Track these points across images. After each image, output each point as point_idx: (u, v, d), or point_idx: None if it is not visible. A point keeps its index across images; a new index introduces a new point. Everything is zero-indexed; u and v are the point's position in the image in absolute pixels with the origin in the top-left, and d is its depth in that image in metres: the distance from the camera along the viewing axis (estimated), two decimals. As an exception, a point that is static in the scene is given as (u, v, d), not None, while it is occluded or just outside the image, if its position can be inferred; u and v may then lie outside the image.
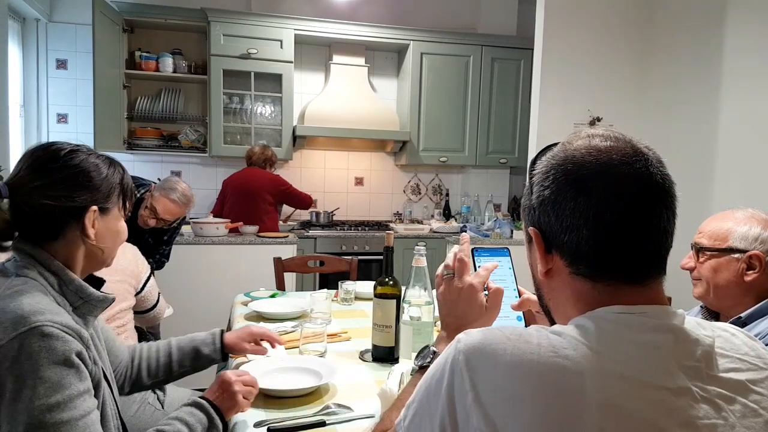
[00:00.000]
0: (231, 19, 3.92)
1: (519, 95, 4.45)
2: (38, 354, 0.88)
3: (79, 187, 1.04)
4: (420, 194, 4.84)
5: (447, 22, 4.57)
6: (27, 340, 0.88)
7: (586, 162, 0.67)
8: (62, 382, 0.89)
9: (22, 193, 1.01)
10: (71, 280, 1.03)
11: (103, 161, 1.10)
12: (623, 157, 0.66)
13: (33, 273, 0.99)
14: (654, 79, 3.37)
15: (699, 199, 2.84)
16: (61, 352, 0.90)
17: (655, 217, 0.66)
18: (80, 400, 0.92)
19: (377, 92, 4.56)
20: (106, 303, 1.09)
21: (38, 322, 0.89)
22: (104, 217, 1.09)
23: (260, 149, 3.83)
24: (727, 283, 1.31)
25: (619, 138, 0.69)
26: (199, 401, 1.14)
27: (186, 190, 2.50)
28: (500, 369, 0.60)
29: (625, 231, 0.65)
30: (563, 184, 0.67)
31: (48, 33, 3.99)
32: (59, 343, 0.90)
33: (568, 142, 0.71)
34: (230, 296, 2.32)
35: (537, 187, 0.71)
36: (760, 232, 1.28)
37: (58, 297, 1.01)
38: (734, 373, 0.65)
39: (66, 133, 4.07)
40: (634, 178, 0.65)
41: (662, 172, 0.67)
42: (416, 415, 0.69)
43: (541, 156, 0.73)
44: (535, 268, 0.75)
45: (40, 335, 0.89)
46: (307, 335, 1.55)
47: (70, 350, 0.91)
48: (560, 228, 0.68)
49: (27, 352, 0.88)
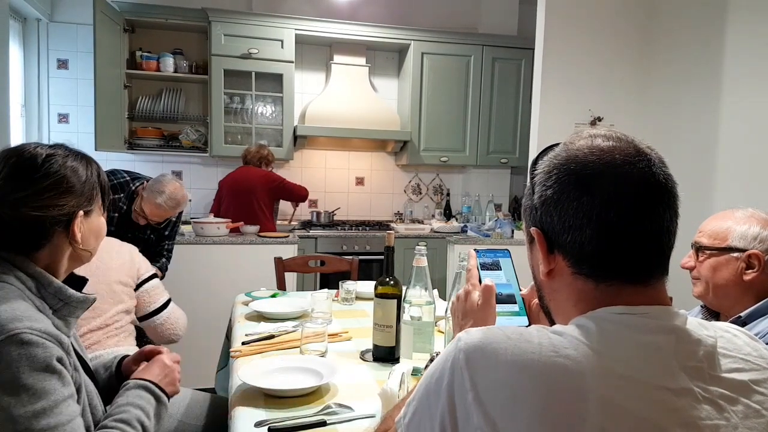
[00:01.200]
0: (232, 19, 3.92)
1: (520, 95, 4.45)
2: (18, 362, 0.86)
3: (64, 194, 1.02)
4: (421, 194, 4.84)
5: (448, 22, 4.57)
6: (6, 348, 0.86)
7: (588, 162, 0.67)
8: (46, 388, 0.88)
9: (3, 204, 0.97)
10: (50, 283, 1.01)
11: (80, 162, 1.07)
12: (626, 156, 0.66)
13: (10, 278, 0.97)
14: (655, 78, 3.37)
15: (699, 199, 2.84)
16: (42, 358, 0.88)
17: (658, 216, 0.66)
18: (65, 405, 0.91)
19: (378, 92, 4.56)
20: (87, 303, 1.07)
21: (17, 329, 0.87)
22: (88, 219, 1.08)
23: (256, 148, 3.83)
24: (726, 283, 1.31)
25: (621, 138, 0.69)
26: (143, 383, 1.13)
27: (175, 191, 2.37)
28: (501, 368, 0.60)
29: (629, 231, 0.65)
30: (566, 183, 0.67)
31: (49, 33, 3.99)
32: (39, 350, 0.88)
33: (570, 142, 0.71)
34: (231, 296, 2.33)
35: (539, 187, 0.70)
36: (759, 231, 1.28)
37: (37, 301, 0.99)
38: (737, 374, 0.64)
39: (67, 133, 4.08)
40: (637, 178, 0.65)
41: (665, 172, 0.67)
42: (416, 413, 0.69)
43: (542, 156, 0.73)
44: (536, 269, 0.75)
45: (19, 343, 0.87)
46: (307, 335, 1.55)
47: (50, 356, 0.89)
48: (563, 228, 0.68)
49: (6, 360, 0.86)
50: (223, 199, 3.75)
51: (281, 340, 1.68)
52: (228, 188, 3.73)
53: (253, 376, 1.32)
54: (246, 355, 1.57)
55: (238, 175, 3.74)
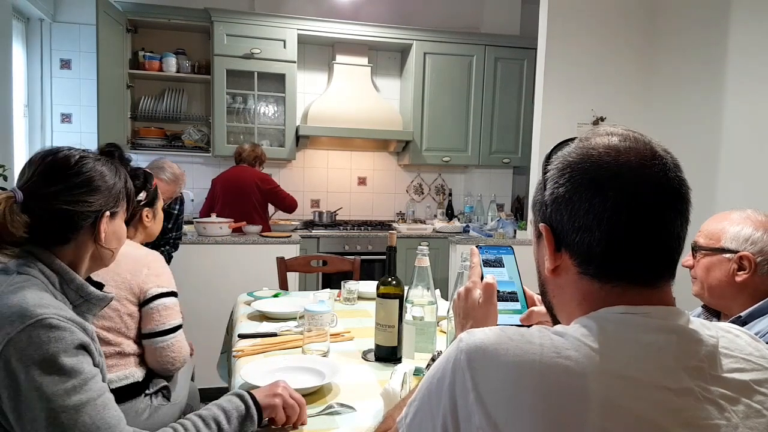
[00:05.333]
0: (234, 19, 3.93)
1: (522, 95, 4.44)
2: (47, 344, 0.90)
3: (94, 192, 1.09)
4: (423, 194, 4.84)
5: (450, 22, 4.57)
6: (35, 332, 0.90)
7: (603, 162, 0.65)
8: (75, 368, 0.92)
9: (37, 197, 1.03)
10: (72, 279, 1.06)
11: (108, 168, 1.14)
12: (642, 159, 0.65)
13: (35, 271, 1.02)
14: (657, 78, 3.37)
15: (702, 200, 2.83)
16: (70, 341, 0.93)
17: (669, 223, 0.65)
18: (94, 381, 0.95)
19: (380, 92, 4.56)
20: (105, 302, 1.13)
21: (44, 314, 0.92)
22: (112, 221, 1.14)
23: (250, 147, 3.83)
24: (718, 283, 1.32)
25: (638, 139, 0.68)
26: (240, 391, 1.13)
27: (172, 166, 2.66)
28: (502, 369, 0.60)
29: (639, 236, 0.64)
30: (578, 183, 0.66)
31: (52, 33, 4.00)
32: (67, 333, 0.93)
33: (585, 139, 0.69)
34: (233, 296, 2.33)
35: (551, 183, 0.69)
36: (751, 233, 1.28)
37: (59, 295, 1.04)
38: (738, 374, 0.64)
39: (70, 132, 4.09)
40: (652, 183, 0.64)
41: (679, 177, 0.66)
42: (418, 412, 0.69)
43: (556, 151, 0.72)
44: (541, 264, 0.75)
45: (48, 326, 0.91)
46: (310, 335, 1.55)
47: (77, 339, 0.94)
48: (572, 227, 0.67)
49: (36, 342, 0.90)
50: (218, 198, 3.75)
51: (283, 340, 1.68)
52: (223, 187, 3.72)
53: (255, 375, 1.33)
54: (248, 354, 1.57)
55: (234, 175, 3.73)
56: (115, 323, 1.56)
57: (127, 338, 1.59)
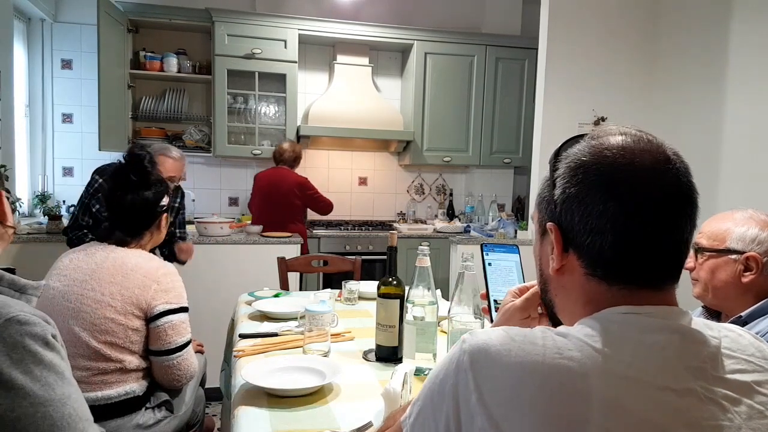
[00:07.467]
0: (235, 19, 3.93)
1: (523, 95, 4.44)
2: (22, 340, 0.89)
3: None
4: (424, 194, 4.84)
5: (451, 22, 4.57)
6: (8, 331, 0.89)
7: (617, 165, 0.65)
8: (53, 361, 0.92)
9: None
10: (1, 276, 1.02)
11: None
12: (656, 163, 0.65)
13: None
14: (658, 79, 3.36)
15: (703, 200, 2.82)
16: (42, 335, 0.92)
17: (679, 228, 0.65)
18: (69, 373, 0.95)
19: (381, 92, 4.56)
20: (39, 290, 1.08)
21: (11, 313, 0.91)
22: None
23: (290, 146, 3.81)
24: (724, 284, 1.31)
25: (652, 141, 0.67)
26: None
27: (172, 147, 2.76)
28: (505, 370, 0.60)
29: (652, 241, 0.64)
30: (592, 185, 0.65)
31: (53, 33, 4.00)
32: (38, 328, 0.92)
33: (596, 137, 0.69)
34: (234, 296, 2.33)
35: (561, 181, 0.68)
36: (757, 233, 1.28)
37: None
38: (740, 375, 0.64)
39: (71, 132, 4.09)
40: (666, 188, 0.64)
41: (690, 182, 0.66)
42: (421, 413, 0.69)
43: (566, 148, 0.70)
44: (545, 262, 0.74)
45: (18, 323, 0.90)
46: (310, 335, 1.55)
47: (46, 332, 0.94)
48: (584, 229, 0.66)
49: (11, 342, 0.89)
50: (254, 198, 3.77)
51: (284, 340, 1.68)
52: (260, 189, 3.74)
53: (256, 375, 1.33)
54: (249, 354, 1.57)
55: (273, 177, 3.73)
56: (118, 338, 1.54)
57: (131, 353, 1.57)
